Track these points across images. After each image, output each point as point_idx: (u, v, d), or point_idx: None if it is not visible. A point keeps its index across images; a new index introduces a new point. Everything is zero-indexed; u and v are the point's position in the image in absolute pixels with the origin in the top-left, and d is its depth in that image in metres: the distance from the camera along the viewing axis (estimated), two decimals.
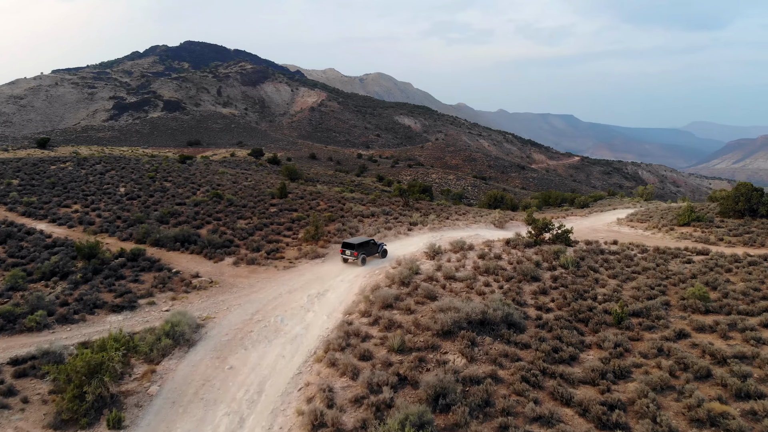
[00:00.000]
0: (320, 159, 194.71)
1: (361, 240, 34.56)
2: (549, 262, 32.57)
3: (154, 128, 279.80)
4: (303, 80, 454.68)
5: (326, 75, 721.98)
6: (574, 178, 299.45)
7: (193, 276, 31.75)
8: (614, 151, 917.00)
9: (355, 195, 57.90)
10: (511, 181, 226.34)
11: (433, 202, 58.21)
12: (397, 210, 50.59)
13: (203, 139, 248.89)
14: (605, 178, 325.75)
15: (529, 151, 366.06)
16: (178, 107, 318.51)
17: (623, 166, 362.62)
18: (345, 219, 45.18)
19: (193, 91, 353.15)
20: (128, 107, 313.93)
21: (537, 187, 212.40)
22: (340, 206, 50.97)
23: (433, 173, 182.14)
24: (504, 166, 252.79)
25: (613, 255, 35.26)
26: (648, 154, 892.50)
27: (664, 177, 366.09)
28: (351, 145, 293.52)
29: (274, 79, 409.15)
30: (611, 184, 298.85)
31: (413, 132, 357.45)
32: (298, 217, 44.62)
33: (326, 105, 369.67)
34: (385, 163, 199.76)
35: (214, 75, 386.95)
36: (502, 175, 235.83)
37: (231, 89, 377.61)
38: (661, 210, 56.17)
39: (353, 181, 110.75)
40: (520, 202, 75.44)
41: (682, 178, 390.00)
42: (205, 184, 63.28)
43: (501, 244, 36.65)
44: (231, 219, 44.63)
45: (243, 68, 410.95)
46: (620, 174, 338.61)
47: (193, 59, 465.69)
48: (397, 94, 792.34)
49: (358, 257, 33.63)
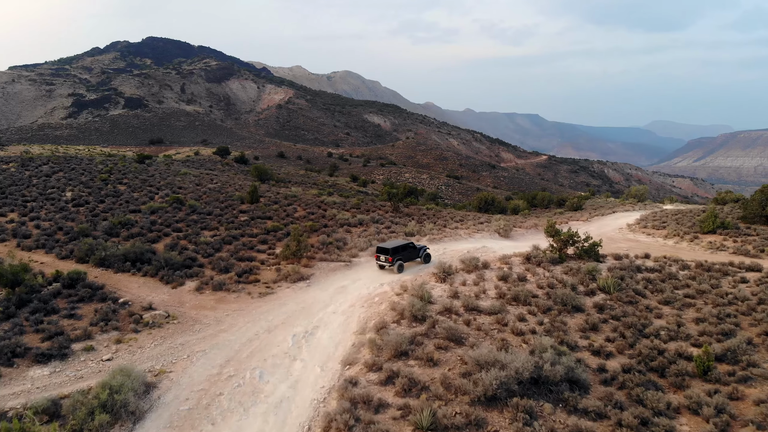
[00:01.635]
0: (289, 158, 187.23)
1: (396, 244, 30.33)
2: (585, 284, 26.85)
3: (114, 126, 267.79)
4: (270, 77, 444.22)
5: (293, 72, 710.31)
6: (542, 177, 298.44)
7: (145, 308, 24.99)
8: (578, 150, 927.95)
9: (336, 199, 51.52)
10: (482, 180, 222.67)
11: (422, 206, 52.26)
12: (388, 217, 44.39)
13: (166, 137, 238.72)
14: (573, 176, 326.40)
15: (497, 150, 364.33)
16: (140, 104, 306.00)
17: (589, 164, 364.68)
18: (329, 229, 38.76)
19: (155, 88, 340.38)
20: (88, 104, 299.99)
21: (508, 186, 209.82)
22: (321, 212, 44.51)
23: (406, 172, 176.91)
24: (475, 165, 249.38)
25: (652, 273, 29.78)
26: (611, 153, 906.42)
27: (630, 175, 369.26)
28: (320, 143, 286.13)
29: (240, 76, 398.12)
30: (579, 183, 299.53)
31: (383, 131, 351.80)
32: (274, 227, 38.04)
33: (294, 102, 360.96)
34: (356, 162, 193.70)
35: (177, 71, 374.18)
36: (474, 174, 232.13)
37: (195, 86, 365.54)
38: (673, 214, 51.40)
39: (327, 181, 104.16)
40: (508, 204, 70.03)
41: (646, 176, 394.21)
42: (164, 187, 56.11)
43: (520, 260, 30.83)
44: (194, 230, 37.79)
45: (207, 65, 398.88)
46: (587, 172, 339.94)
47: (155, 55, 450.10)
48: (366, 93, 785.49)
49: (394, 263, 29.62)
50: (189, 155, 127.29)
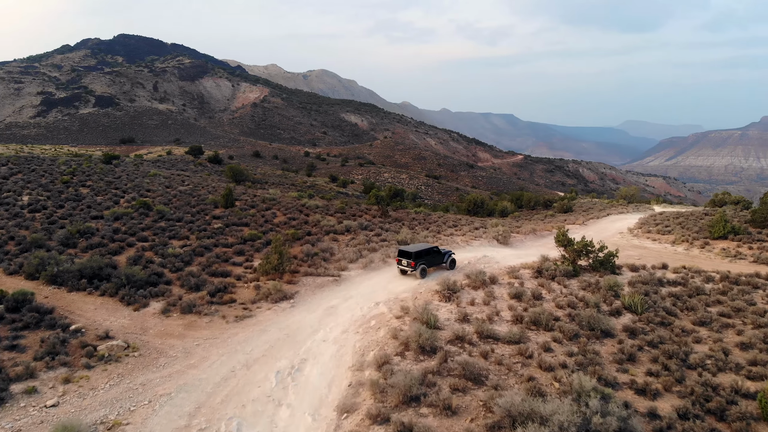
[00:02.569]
0: (265, 157, 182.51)
1: (420, 247, 28.59)
2: (608, 302, 23.74)
3: (84, 125, 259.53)
4: (244, 75, 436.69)
5: (268, 71, 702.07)
6: (518, 176, 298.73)
7: (100, 337, 21.11)
8: (553, 150, 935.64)
9: (318, 202, 47.84)
10: (461, 179, 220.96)
11: (411, 209, 48.88)
12: (376, 222, 40.87)
13: (138, 136, 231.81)
14: (548, 176, 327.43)
15: (474, 150, 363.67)
16: (111, 103, 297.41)
17: (564, 164, 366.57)
18: (314, 237, 35.07)
19: (127, 86, 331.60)
20: (57, 103, 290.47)
21: (487, 186, 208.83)
22: (303, 218, 40.81)
23: (386, 172, 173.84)
24: (453, 165, 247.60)
25: (676, 287, 26.84)
26: (585, 153, 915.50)
27: (604, 174, 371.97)
28: (296, 142, 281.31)
29: (214, 74, 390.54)
30: (554, 182, 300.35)
31: (360, 130, 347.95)
32: (252, 236, 34.27)
33: (269, 101, 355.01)
34: (334, 162, 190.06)
35: (150, 69, 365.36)
36: (452, 173, 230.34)
37: (168, 84, 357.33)
38: (674, 218, 48.89)
39: (305, 181, 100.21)
40: (496, 206, 67.03)
41: (620, 175, 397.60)
42: (131, 190, 51.83)
43: (530, 273, 27.60)
44: (161, 239, 33.81)
45: (181, 63, 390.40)
46: (562, 172, 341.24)
47: (127, 53, 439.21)
48: (342, 92, 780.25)
49: (416, 268, 27.79)
50: (161, 155, 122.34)
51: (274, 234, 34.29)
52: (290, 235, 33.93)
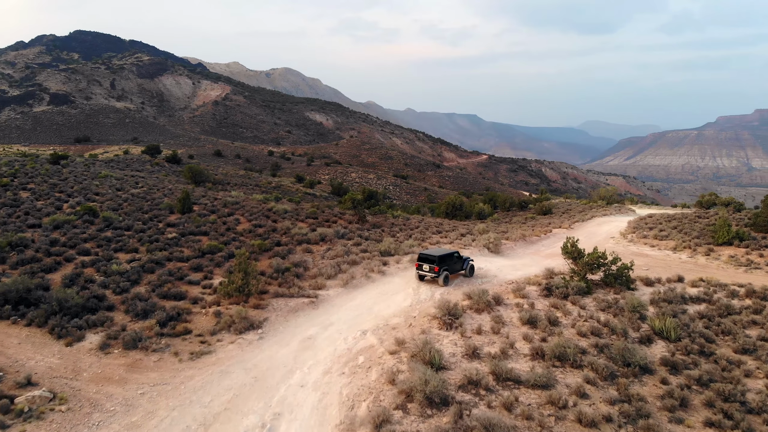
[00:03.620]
0: (227, 156, 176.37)
1: (443, 252, 26.63)
2: (634, 326, 20.30)
3: (37, 123, 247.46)
4: (205, 73, 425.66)
5: (230, 69, 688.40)
6: (483, 176, 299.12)
7: (20, 384, 16.62)
8: (516, 149, 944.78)
9: (286, 206, 43.45)
10: (428, 179, 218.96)
11: (387, 212, 44.91)
12: (354, 229, 36.75)
13: (94, 135, 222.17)
14: (512, 175, 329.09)
15: (440, 150, 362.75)
16: (66, 101, 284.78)
17: (528, 163, 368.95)
18: (284, 248, 30.70)
19: (83, 83, 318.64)
20: (10, 101, 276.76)
21: (454, 186, 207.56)
22: (271, 224, 36.41)
23: (353, 172, 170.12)
24: (420, 165, 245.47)
25: (700, 304, 23.66)
26: (547, 152, 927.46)
27: (566, 174, 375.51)
28: (260, 141, 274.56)
29: (174, 71, 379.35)
30: (518, 182, 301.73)
31: (325, 129, 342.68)
32: (212, 247, 29.79)
33: (231, 99, 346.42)
34: (299, 161, 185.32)
35: (107, 67, 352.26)
36: (420, 173, 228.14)
37: (126, 82, 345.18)
38: (666, 220, 46.23)
39: (270, 182, 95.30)
40: (473, 208, 63.71)
41: (582, 174, 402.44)
42: (77, 194, 46.64)
43: (538, 291, 23.99)
44: (105, 253, 29.07)
45: (139, 60, 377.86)
46: (525, 171, 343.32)
47: (84, 50, 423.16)
48: (306, 90, 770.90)
49: (440, 273, 25.71)
50: (118, 154, 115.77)
51: (237, 246, 29.94)
52: (256, 247, 29.59)
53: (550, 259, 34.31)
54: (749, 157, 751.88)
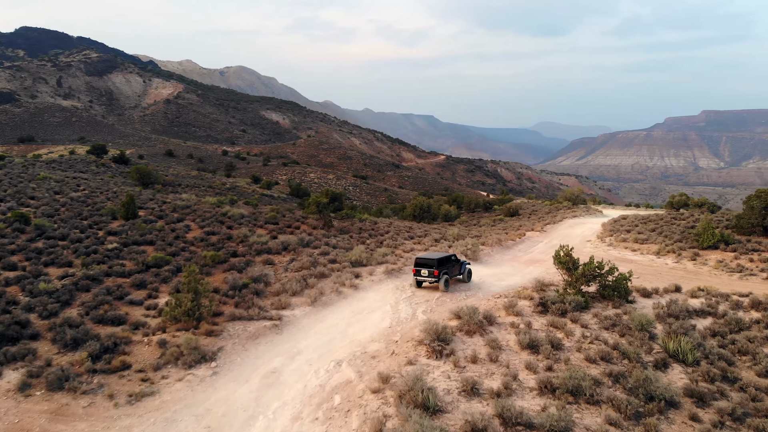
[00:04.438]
0: (179, 156, 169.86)
1: (441, 255, 25.43)
2: (645, 348, 17.91)
3: None
4: (157, 71, 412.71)
5: (183, 67, 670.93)
6: (441, 176, 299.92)
7: None
8: (472, 150, 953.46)
9: (243, 210, 39.81)
10: (387, 179, 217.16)
11: (355, 217, 41.71)
12: (320, 236, 33.45)
13: (38, 134, 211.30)
14: (469, 176, 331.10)
15: (398, 150, 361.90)
16: (10, 99, 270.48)
17: (484, 164, 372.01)
18: (241, 259, 27.23)
19: (28, 81, 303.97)
20: None
21: (413, 186, 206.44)
22: (226, 231, 32.81)
23: (311, 172, 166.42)
24: (379, 165, 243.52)
25: (705, 318, 21.51)
26: (502, 153, 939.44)
27: (521, 174, 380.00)
28: (214, 140, 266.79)
29: (124, 69, 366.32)
30: (475, 182, 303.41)
31: (282, 128, 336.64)
32: (158, 260, 26.15)
33: (184, 97, 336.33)
34: (255, 161, 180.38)
35: (53, 64, 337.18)
36: (379, 173, 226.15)
37: (74, 80, 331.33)
38: (642, 222, 44.64)
39: (224, 183, 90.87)
40: (439, 210, 61.31)
41: (536, 174, 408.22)
42: (9, 198, 41.94)
43: (532, 306, 21.32)
44: (34, 267, 25.10)
45: (88, 57, 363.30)
46: (482, 172, 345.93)
47: (29, 47, 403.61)
48: (261, 89, 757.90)
49: (440, 278, 24.53)
50: (62, 154, 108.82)
51: (187, 258, 26.39)
52: (209, 259, 26.10)
53: (532, 266, 32.00)
54: (696, 156, 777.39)
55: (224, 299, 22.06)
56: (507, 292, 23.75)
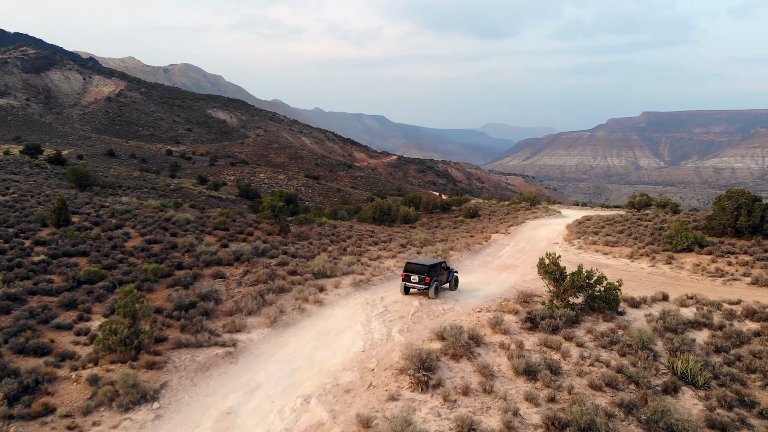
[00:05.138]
0: (121, 156, 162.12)
1: (432, 261, 24.26)
2: (650, 368, 16.01)
3: None
4: (98, 68, 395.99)
5: (125, 64, 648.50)
6: (393, 176, 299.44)
7: None
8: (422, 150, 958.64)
9: (189, 215, 36.42)
10: (340, 180, 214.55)
11: (314, 220, 38.77)
12: (276, 244, 30.38)
13: None
14: (421, 176, 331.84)
15: (350, 150, 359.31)
16: None
17: (435, 164, 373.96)
18: (188, 273, 24.04)
19: None
20: None
21: (366, 186, 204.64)
22: (170, 239, 29.48)
23: (261, 172, 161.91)
24: (332, 165, 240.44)
25: (701, 329, 19.90)
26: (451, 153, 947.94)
27: (470, 174, 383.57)
28: (157, 140, 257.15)
29: (63, 66, 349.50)
30: (427, 182, 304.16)
31: (229, 127, 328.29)
32: (91, 274, 22.75)
33: (126, 95, 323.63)
34: (201, 161, 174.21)
35: None
36: (331, 174, 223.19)
37: (9, 77, 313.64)
38: (608, 223, 43.56)
39: (168, 184, 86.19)
40: (398, 211, 59.02)
41: (485, 174, 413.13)
42: None
43: (519, 323, 19.14)
44: None
45: (25, 53, 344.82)
46: (433, 172, 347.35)
47: None
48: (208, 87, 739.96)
49: (431, 285, 23.24)
50: None
51: (126, 272, 23.11)
52: (150, 272, 22.90)
53: (505, 273, 30.07)
54: (637, 156, 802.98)
55: (168, 321, 19.02)
56: (488, 305, 21.58)
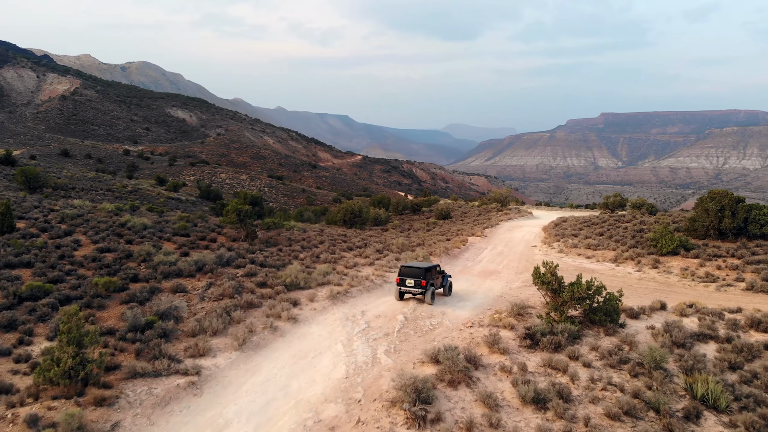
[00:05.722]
0: (76, 157, 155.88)
1: (428, 265, 23.13)
2: (669, 393, 14.42)
3: None
4: (52, 66, 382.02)
5: (81, 61, 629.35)
6: (358, 176, 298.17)
7: None
8: (386, 150, 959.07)
9: (146, 219, 33.63)
10: (304, 180, 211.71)
11: (283, 225, 36.19)
12: (243, 251, 27.85)
13: None
14: (386, 176, 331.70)
15: (314, 150, 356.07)
16: None
17: (399, 164, 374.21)
18: (144, 287, 21.38)
19: None
20: None
21: (332, 186, 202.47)
22: (125, 247, 26.74)
23: (222, 173, 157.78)
24: (296, 165, 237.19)
25: (707, 342, 18.50)
26: (415, 153, 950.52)
27: (435, 174, 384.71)
28: (115, 139, 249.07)
29: (16, 63, 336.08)
30: (392, 182, 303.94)
31: (189, 126, 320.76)
32: (34, 290, 20.01)
33: (82, 94, 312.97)
34: (160, 161, 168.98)
35: None
36: (295, 174, 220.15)
37: None
38: (584, 225, 42.43)
39: (125, 186, 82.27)
40: (368, 213, 56.96)
41: (449, 174, 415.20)
42: None
43: (517, 339, 17.35)
44: None
45: None
46: (398, 172, 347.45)
47: None
48: (167, 86, 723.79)
49: (427, 289, 22.19)
50: None
51: (74, 286, 20.41)
52: (102, 287, 20.31)
53: (488, 279, 28.41)
54: (596, 157, 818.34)
55: (121, 345, 16.55)
56: (479, 318, 19.74)
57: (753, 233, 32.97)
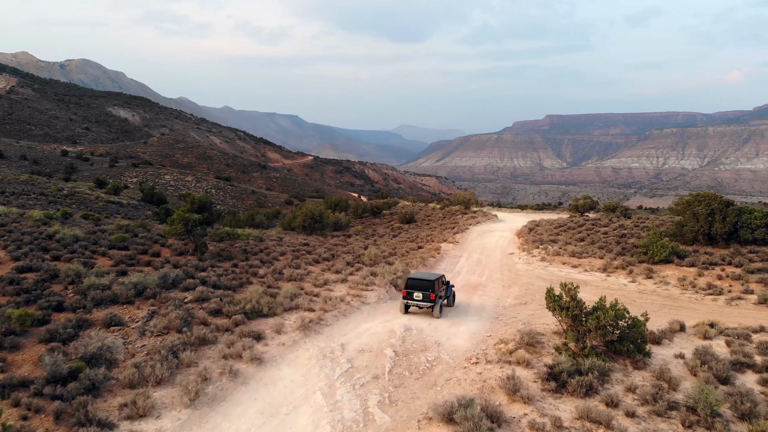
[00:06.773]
0: (10, 158, 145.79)
1: (435, 276, 21.29)
2: None
3: None
4: None
5: (17, 59, 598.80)
6: (310, 177, 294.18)
7: None
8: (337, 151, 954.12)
9: (78, 231, 29.07)
10: (254, 181, 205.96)
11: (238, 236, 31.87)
12: (192, 269, 23.54)
13: None
14: (338, 177, 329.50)
15: (263, 150, 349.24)
16: None
17: (352, 165, 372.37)
18: (71, 317, 17.05)
19: None
20: None
21: (282, 188, 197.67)
22: (49, 266, 22.33)
23: (167, 174, 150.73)
24: (244, 165, 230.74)
25: (746, 372, 15.91)
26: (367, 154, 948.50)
27: (387, 175, 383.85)
28: (52, 140, 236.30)
29: None
30: (344, 183, 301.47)
31: (131, 126, 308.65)
32: None
33: (17, 92, 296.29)
34: (101, 162, 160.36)
35: None
36: (244, 174, 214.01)
37: None
38: (560, 229, 40.11)
39: (61, 189, 75.88)
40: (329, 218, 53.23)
41: (401, 175, 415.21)
42: None
43: (538, 381, 14.26)
44: None
45: None
46: (350, 173, 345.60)
47: None
48: (108, 84, 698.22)
49: (436, 302, 20.38)
50: None
51: None
52: (16, 321, 16.13)
53: (475, 294, 25.48)
54: (541, 158, 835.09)
55: (37, 404, 12.53)
56: (482, 350, 16.57)
57: (744, 238, 31.17)
